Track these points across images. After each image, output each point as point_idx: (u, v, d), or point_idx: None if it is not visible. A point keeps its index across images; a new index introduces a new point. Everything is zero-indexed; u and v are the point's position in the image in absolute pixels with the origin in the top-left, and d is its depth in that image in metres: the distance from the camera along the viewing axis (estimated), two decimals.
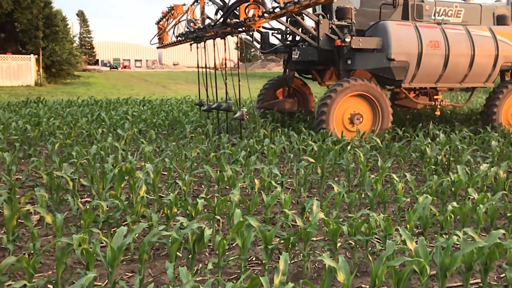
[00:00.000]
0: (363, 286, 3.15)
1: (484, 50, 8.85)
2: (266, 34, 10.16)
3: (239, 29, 7.63)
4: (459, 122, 10.29)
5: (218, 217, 3.82)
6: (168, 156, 6.32)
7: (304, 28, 8.68)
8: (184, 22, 10.29)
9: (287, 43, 10.05)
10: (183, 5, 10.81)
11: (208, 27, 8.44)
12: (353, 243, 3.55)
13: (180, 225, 3.28)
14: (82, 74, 40.81)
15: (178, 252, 3.10)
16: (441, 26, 8.73)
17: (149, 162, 5.73)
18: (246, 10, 7.04)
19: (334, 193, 4.45)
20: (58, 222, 3.43)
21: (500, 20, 9.83)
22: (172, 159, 6.11)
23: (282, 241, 3.31)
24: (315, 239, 3.91)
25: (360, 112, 8.43)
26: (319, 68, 10.18)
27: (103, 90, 26.51)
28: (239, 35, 7.93)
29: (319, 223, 3.67)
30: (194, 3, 9.54)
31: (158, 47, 12.81)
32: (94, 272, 2.64)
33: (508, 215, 4.24)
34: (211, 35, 8.66)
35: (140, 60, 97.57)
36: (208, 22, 8.79)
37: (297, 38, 9.71)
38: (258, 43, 10.30)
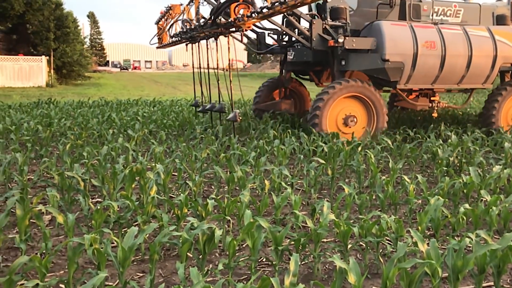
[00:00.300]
0: None
1: (482, 51, 8.64)
2: (262, 34, 10.03)
3: (230, 29, 7.54)
4: (471, 124, 10.19)
5: (228, 217, 3.83)
6: (178, 157, 6.34)
7: (298, 29, 8.53)
8: (180, 22, 10.22)
9: (283, 43, 9.92)
10: (180, 5, 10.72)
11: (199, 27, 8.36)
12: (364, 244, 3.54)
13: (190, 225, 3.28)
14: (93, 75, 41.07)
15: (188, 252, 3.10)
16: (437, 26, 8.55)
17: (159, 163, 5.75)
18: (236, 10, 6.94)
19: (344, 194, 4.42)
20: (70, 222, 3.46)
21: (500, 20, 9.62)
22: (182, 159, 6.13)
23: (293, 242, 3.31)
24: (326, 240, 3.89)
25: (354, 114, 8.26)
26: (317, 69, 10.05)
27: (113, 91, 26.67)
28: (229, 36, 7.85)
29: (329, 224, 3.66)
30: (189, 3, 9.48)
31: (158, 47, 12.73)
32: (105, 272, 2.65)
33: None
34: (204, 36, 8.59)
35: (150, 61, 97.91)
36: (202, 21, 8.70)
37: (293, 38, 9.55)
38: (253, 43, 10.21)
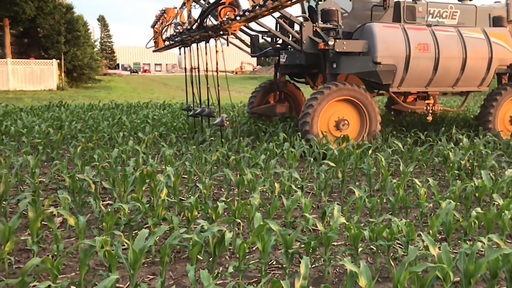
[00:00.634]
0: None
1: (477, 53, 8.45)
2: (256, 37, 9.93)
3: (217, 32, 7.49)
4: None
5: (238, 220, 3.83)
6: (188, 160, 6.36)
7: (287, 31, 8.41)
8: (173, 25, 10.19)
9: (277, 46, 9.82)
10: (174, 8, 10.68)
11: (186, 31, 8.29)
12: (374, 248, 3.52)
13: (201, 228, 3.29)
14: (103, 78, 41.39)
15: (199, 255, 3.11)
16: (431, 28, 8.37)
17: (169, 165, 5.78)
18: (221, 12, 6.84)
19: (355, 197, 4.41)
20: (81, 224, 3.49)
21: (497, 22, 9.40)
22: (192, 162, 6.14)
23: (303, 245, 3.30)
24: (336, 243, 3.88)
25: (346, 118, 8.08)
26: (312, 72, 9.93)
27: (123, 94, 26.82)
28: (217, 39, 7.77)
29: (340, 227, 3.65)
30: (182, 6, 9.45)
31: (154, 50, 12.73)
32: (116, 274, 2.66)
33: None
34: (195, 39, 8.52)
35: (160, 64, 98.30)
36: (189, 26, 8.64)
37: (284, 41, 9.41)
38: (247, 46, 10.14)
